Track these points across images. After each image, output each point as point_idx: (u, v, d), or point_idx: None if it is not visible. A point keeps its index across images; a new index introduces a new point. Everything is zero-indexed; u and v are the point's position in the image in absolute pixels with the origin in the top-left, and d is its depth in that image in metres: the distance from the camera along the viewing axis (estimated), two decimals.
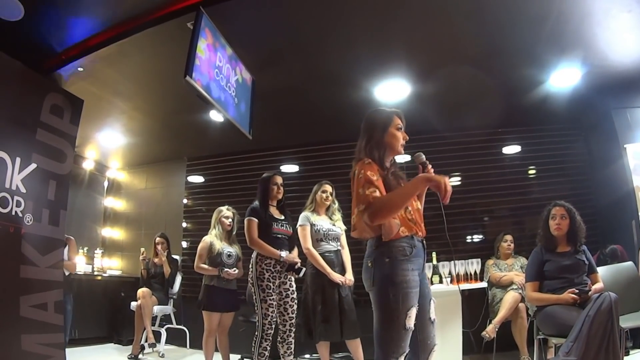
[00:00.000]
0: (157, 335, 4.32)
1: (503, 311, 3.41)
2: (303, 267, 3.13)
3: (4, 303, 2.62)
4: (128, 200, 6.02)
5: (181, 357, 4.42)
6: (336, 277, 3.20)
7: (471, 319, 3.74)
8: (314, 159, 5.02)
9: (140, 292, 4.27)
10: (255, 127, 3.48)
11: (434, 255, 3.85)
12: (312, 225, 3.32)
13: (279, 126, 4.66)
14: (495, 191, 4.54)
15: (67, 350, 3.09)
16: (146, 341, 4.13)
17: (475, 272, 3.78)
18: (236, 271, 3.57)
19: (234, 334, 3.72)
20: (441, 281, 3.73)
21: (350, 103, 4.02)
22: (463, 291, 3.56)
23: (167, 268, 4.52)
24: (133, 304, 4.33)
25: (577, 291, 2.53)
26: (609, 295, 2.29)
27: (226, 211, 3.74)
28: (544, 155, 4.54)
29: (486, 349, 3.60)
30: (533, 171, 4.63)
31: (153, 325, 4.36)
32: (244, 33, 3.11)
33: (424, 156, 1.88)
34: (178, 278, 4.81)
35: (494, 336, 3.36)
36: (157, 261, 4.54)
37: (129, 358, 4.11)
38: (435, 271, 3.75)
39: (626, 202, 3.82)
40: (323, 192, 3.43)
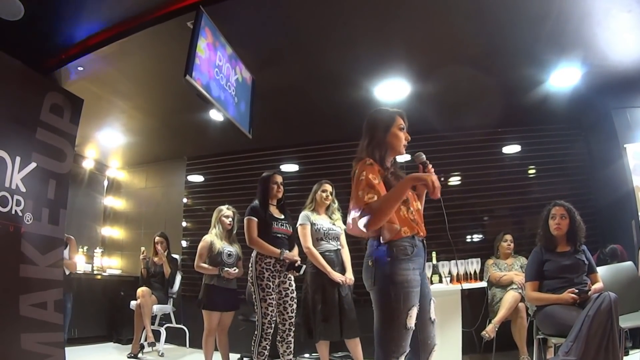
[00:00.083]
0: (157, 334, 4.32)
1: (503, 311, 3.41)
2: (303, 265, 3.13)
3: (4, 302, 2.62)
4: (128, 199, 6.03)
5: (181, 356, 4.42)
6: (336, 277, 3.20)
7: (471, 319, 3.75)
8: (314, 159, 5.02)
9: (139, 291, 4.28)
10: (255, 127, 3.48)
11: (434, 254, 3.85)
12: (313, 224, 3.33)
13: (279, 125, 4.66)
14: (495, 191, 4.54)
15: (67, 349, 3.08)
16: (146, 340, 4.13)
17: (475, 272, 3.78)
18: (236, 270, 3.56)
19: (234, 333, 3.71)
20: (441, 281, 3.73)
21: (350, 102, 4.02)
22: (463, 291, 3.56)
23: (167, 268, 4.52)
24: (133, 303, 4.34)
25: (577, 291, 2.53)
26: (609, 295, 2.29)
27: (226, 210, 3.74)
28: (544, 155, 4.53)
29: (486, 349, 3.60)
30: (533, 171, 4.62)
31: (153, 324, 4.37)
32: (244, 32, 3.11)
33: (424, 156, 1.88)
34: (178, 277, 4.81)
35: (494, 336, 3.36)
36: (157, 260, 4.53)
37: (129, 357, 4.12)
38: (435, 271, 3.76)
39: (626, 202, 3.82)
40: (323, 192, 3.43)
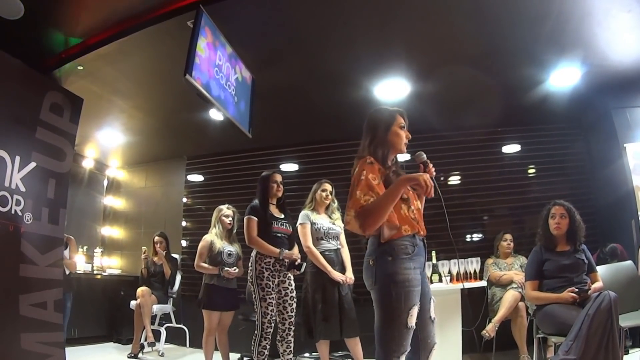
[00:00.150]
0: (157, 334, 4.32)
1: (503, 310, 3.41)
2: (303, 263, 3.13)
3: (4, 302, 2.62)
4: (128, 199, 6.02)
5: (181, 356, 4.42)
6: (337, 276, 3.20)
7: (471, 318, 3.75)
8: (314, 158, 5.02)
9: (139, 291, 4.28)
10: (255, 126, 3.48)
11: (434, 254, 3.85)
12: (313, 223, 3.33)
13: (279, 125, 4.66)
14: (494, 190, 4.54)
15: (67, 349, 3.08)
16: (146, 340, 4.13)
17: (474, 271, 3.78)
18: (236, 270, 3.56)
19: (234, 333, 3.71)
20: (441, 280, 3.73)
21: (350, 102, 4.02)
22: (463, 290, 3.56)
23: (167, 269, 4.52)
24: (132, 303, 4.33)
25: (577, 290, 2.53)
26: (609, 294, 2.29)
27: (226, 210, 3.73)
28: (544, 154, 4.54)
29: (486, 348, 3.60)
30: (533, 170, 4.63)
31: (153, 324, 4.36)
32: (244, 32, 3.11)
33: (425, 155, 1.88)
34: (177, 277, 4.80)
35: (494, 335, 3.36)
36: (156, 260, 4.53)
37: (129, 357, 4.11)
38: (434, 270, 3.75)
39: (626, 202, 3.82)
40: (323, 191, 3.43)
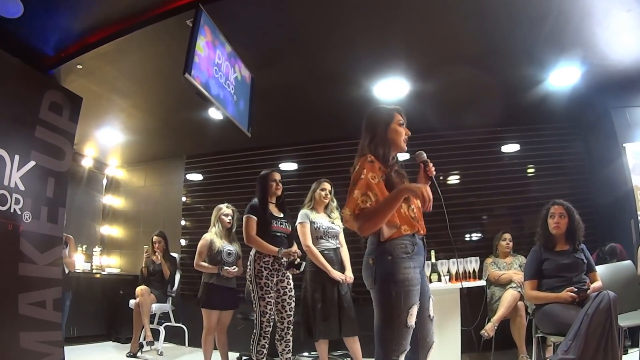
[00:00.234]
0: (156, 333, 4.32)
1: (502, 309, 3.41)
2: (303, 262, 3.13)
3: (3, 301, 2.62)
4: (127, 198, 6.02)
5: (180, 355, 4.42)
6: (336, 275, 3.20)
7: (470, 318, 3.75)
8: (313, 157, 5.02)
9: (138, 290, 4.27)
10: (254, 125, 3.48)
11: (433, 253, 3.85)
12: (312, 222, 3.32)
13: (278, 124, 4.66)
14: (494, 190, 4.55)
15: (66, 348, 3.08)
16: (145, 339, 4.13)
17: (473, 271, 3.78)
18: (236, 269, 3.56)
19: (233, 332, 3.71)
20: (440, 279, 3.73)
21: (349, 101, 4.01)
22: (462, 289, 3.57)
23: (166, 270, 4.51)
24: (132, 302, 4.33)
25: (576, 290, 2.54)
26: (608, 293, 2.29)
27: (226, 209, 3.73)
28: (543, 154, 4.54)
29: (485, 347, 3.60)
30: (532, 170, 4.63)
31: (152, 323, 4.36)
32: (243, 31, 3.11)
33: (425, 154, 1.88)
34: (177, 276, 4.80)
35: (493, 334, 3.36)
36: (155, 259, 4.53)
37: (128, 356, 4.11)
38: (433, 269, 3.75)
39: (625, 202, 3.83)
40: (322, 190, 3.42)
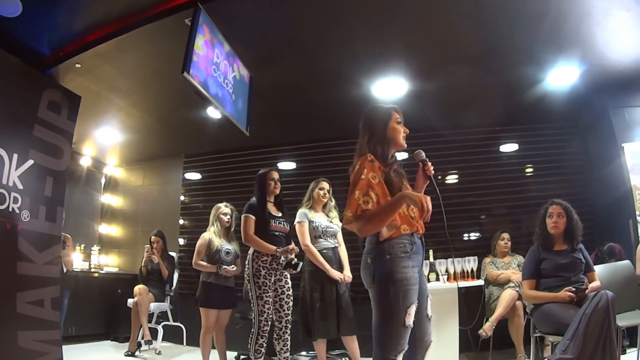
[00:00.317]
0: (154, 332, 4.31)
1: (500, 309, 3.42)
2: (300, 262, 3.13)
3: (1, 299, 2.62)
4: (125, 197, 6.01)
5: (178, 354, 4.42)
6: (335, 274, 3.20)
7: (468, 317, 3.75)
8: (312, 156, 5.01)
9: (136, 289, 4.27)
10: (252, 124, 3.48)
11: (431, 252, 3.85)
12: (310, 221, 3.32)
13: (277, 123, 4.66)
14: (492, 189, 4.55)
15: (64, 347, 3.07)
16: (143, 338, 4.13)
17: (472, 270, 3.78)
18: (234, 268, 3.56)
19: (231, 331, 3.71)
20: (438, 279, 3.73)
21: (348, 100, 4.01)
22: (460, 289, 3.57)
23: (165, 270, 4.51)
24: (130, 301, 4.32)
25: (574, 289, 2.54)
26: (606, 293, 2.29)
27: (224, 208, 3.72)
28: (542, 153, 4.54)
29: (483, 347, 3.60)
30: (530, 169, 4.63)
31: (150, 322, 4.35)
32: (242, 30, 3.11)
33: (424, 154, 1.88)
34: (175, 275, 4.80)
35: (491, 334, 3.36)
36: (153, 258, 4.52)
37: (126, 355, 4.10)
38: (431, 269, 3.76)
39: (623, 201, 3.83)
40: (320, 189, 3.42)
